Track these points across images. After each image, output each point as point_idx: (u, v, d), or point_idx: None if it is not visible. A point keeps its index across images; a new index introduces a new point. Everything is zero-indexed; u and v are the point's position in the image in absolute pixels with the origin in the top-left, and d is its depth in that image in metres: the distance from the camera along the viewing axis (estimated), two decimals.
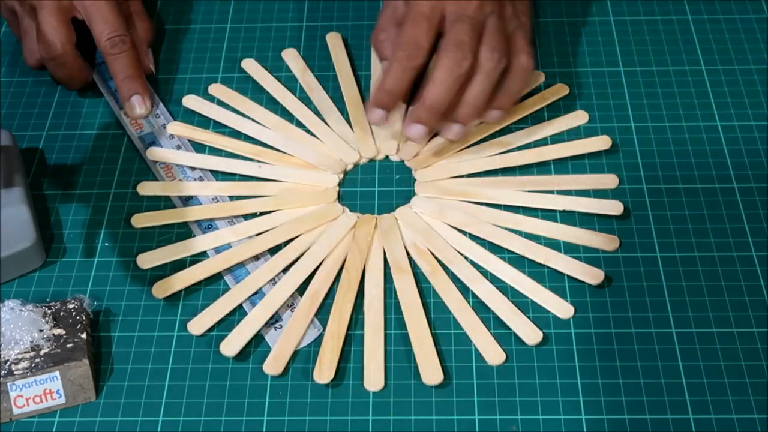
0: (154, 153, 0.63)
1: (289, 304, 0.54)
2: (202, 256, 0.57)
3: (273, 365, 0.51)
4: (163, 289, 0.55)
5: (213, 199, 0.60)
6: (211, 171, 0.62)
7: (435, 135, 0.62)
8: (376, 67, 0.68)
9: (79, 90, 0.68)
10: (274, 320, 0.54)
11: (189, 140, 0.64)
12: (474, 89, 0.58)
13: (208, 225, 0.59)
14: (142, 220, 0.59)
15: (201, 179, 0.61)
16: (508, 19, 0.61)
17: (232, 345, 0.52)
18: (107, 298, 0.55)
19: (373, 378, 0.51)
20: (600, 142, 0.62)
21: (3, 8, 0.69)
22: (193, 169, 0.62)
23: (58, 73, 0.66)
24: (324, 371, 0.51)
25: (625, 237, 0.57)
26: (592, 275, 0.55)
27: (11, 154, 0.60)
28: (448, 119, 0.59)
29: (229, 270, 0.56)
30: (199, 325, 0.53)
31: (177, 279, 0.55)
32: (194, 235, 0.58)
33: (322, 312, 0.54)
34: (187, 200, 0.60)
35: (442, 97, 0.57)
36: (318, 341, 0.53)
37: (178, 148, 0.63)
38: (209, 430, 0.50)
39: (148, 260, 0.57)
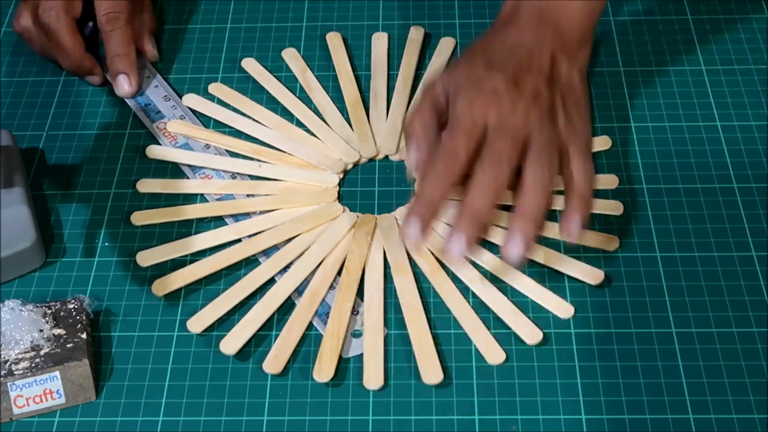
0: (154, 151, 0.63)
1: (355, 312, 0.54)
2: (201, 255, 0.57)
3: (273, 364, 0.51)
4: (162, 287, 0.55)
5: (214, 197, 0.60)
6: (212, 169, 0.62)
7: None
8: (377, 68, 0.68)
9: (81, 81, 0.68)
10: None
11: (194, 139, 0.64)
12: (526, 203, 0.51)
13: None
14: (141, 218, 0.59)
15: (234, 177, 0.61)
16: (561, 128, 0.54)
17: (231, 343, 0.52)
18: (107, 298, 0.55)
19: (373, 377, 0.51)
20: (600, 142, 0.62)
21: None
22: (227, 171, 0.62)
23: (49, 48, 0.67)
24: (324, 370, 0.51)
25: (625, 237, 0.57)
26: (592, 275, 0.55)
27: (11, 154, 0.60)
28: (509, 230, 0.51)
29: (263, 252, 0.57)
30: (198, 323, 0.53)
31: (176, 277, 0.55)
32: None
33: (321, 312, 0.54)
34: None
35: (480, 207, 0.51)
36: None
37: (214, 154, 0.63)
38: (209, 430, 0.49)
39: (147, 258, 0.57)
